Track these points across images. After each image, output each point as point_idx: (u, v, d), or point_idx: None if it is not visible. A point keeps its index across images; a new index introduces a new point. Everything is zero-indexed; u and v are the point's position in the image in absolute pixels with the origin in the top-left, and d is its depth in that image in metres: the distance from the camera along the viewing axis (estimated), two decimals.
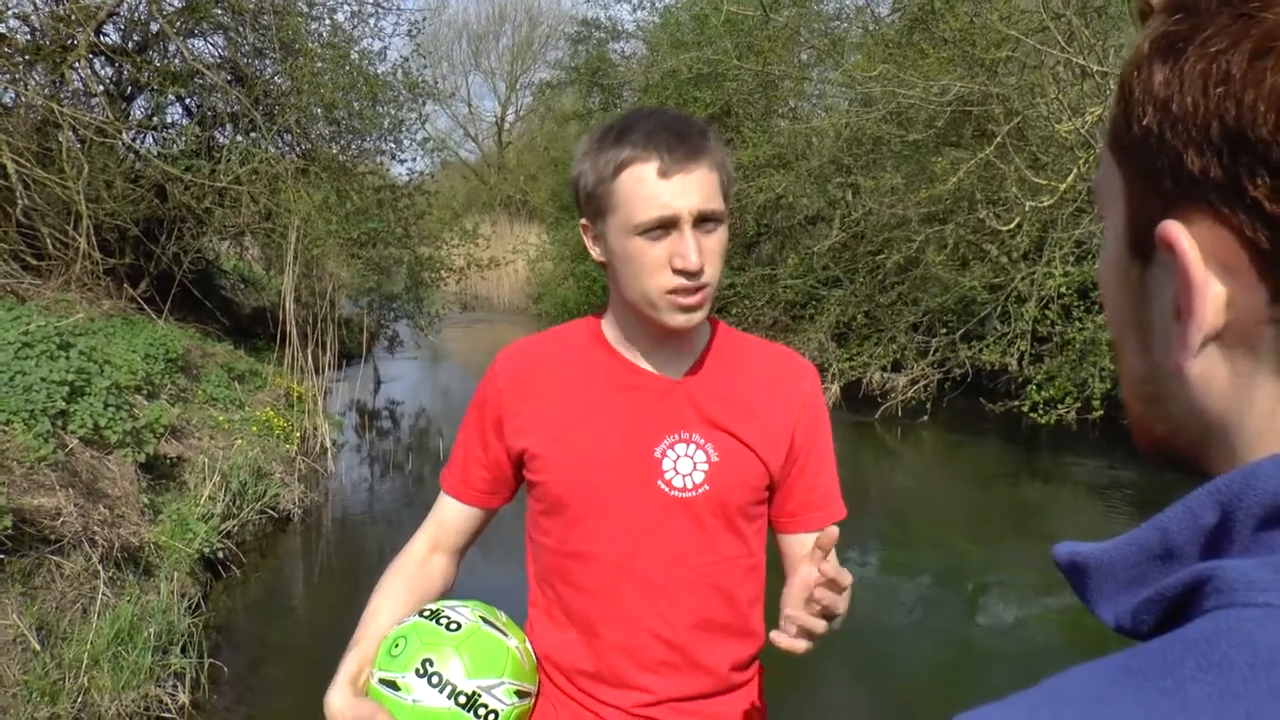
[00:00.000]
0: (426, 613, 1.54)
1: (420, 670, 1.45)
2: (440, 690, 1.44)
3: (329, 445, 8.73)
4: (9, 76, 9.25)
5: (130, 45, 10.62)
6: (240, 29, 10.98)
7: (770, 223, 13.66)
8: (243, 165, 10.15)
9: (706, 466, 1.54)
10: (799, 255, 12.52)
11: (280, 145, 11.36)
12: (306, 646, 5.28)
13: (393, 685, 1.47)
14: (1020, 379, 10.02)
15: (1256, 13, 0.45)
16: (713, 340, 1.62)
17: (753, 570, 1.62)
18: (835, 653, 4.82)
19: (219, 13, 10.59)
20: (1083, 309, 9.55)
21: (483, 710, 1.46)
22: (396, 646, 1.50)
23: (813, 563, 1.35)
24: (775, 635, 1.33)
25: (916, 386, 11.25)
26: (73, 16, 9.55)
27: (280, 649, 5.20)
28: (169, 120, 11.18)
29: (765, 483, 1.59)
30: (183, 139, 10.49)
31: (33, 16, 9.65)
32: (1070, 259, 9.65)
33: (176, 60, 10.60)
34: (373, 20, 11.93)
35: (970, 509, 8.28)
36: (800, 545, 1.63)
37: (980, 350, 10.45)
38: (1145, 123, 0.49)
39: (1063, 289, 9.52)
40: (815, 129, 12.59)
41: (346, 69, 11.46)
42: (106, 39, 10.40)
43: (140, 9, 10.43)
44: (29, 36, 9.70)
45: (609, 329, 1.63)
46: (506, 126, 33.65)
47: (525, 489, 1.68)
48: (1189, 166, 0.47)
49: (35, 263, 8.63)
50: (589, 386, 1.59)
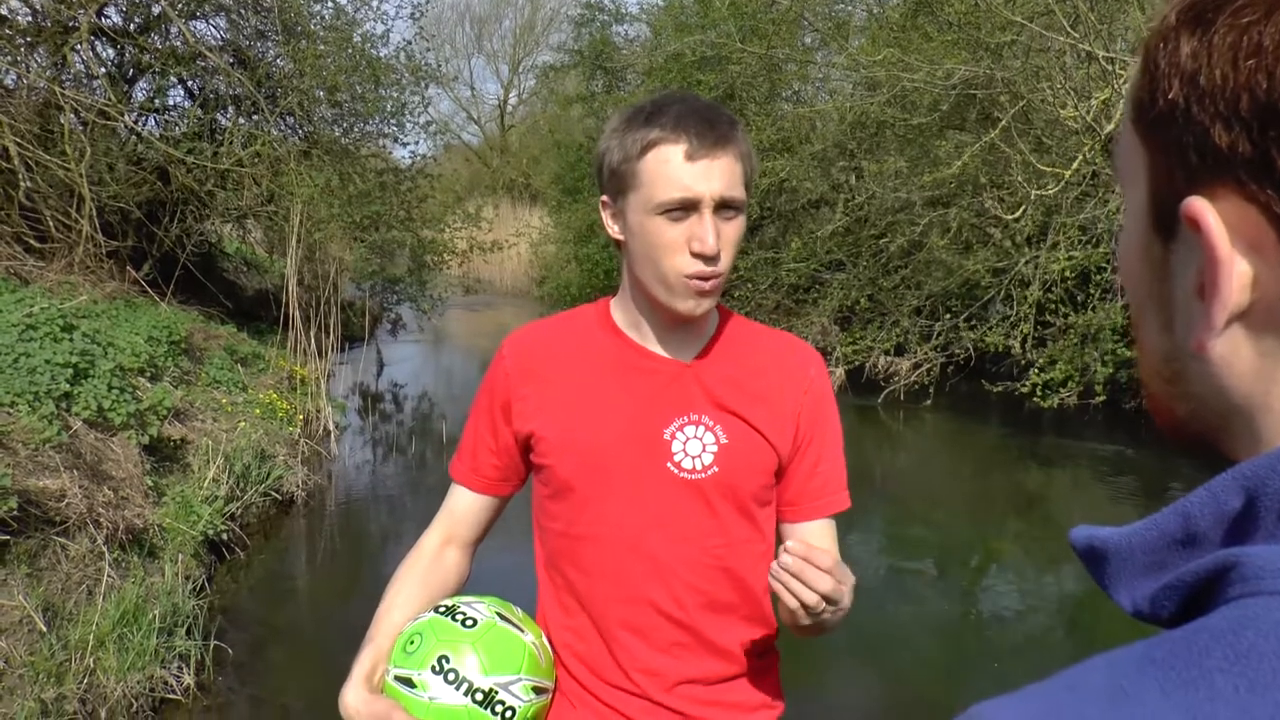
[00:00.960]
0: (442, 609, 1.53)
1: (436, 667, 1.44)
2: (457, 687, 1.44)
3: (332, 428, 8.74)
4: (10, 58, 9.22)
5: (132, 27, 10.59)
6: (242, 11, 10.96)
7: (774, 206, 13.63)
8: (245, 148, 10.13)
9: (716, 448, 1.54)
10: (802, 239, 12.49)
11: (283, 128, 11.33)
12: (310, 629, 5.30)
13: (409, 683, 1.46)
14: (1023, 363, 10.02)
15: None
16: (721, 326, 1.62)
17: (764, 555, 1.61)
18: (838, 635, 4.83)
19: None
20: (1086, 293, 9.54)
21: (500, 707, 1.45)
22: (412, 643, 1.49)
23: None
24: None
25: (919, 370, 11.25)
26: None
27: (284, 631, 5.22)
28: (171, 103, 11.17)
29: (774, 467, 1.59)
30: (185, 121, 10.47)
31: None
32: (1074, 243, 9.64)
33: (178, 42, 10.57)
34: (375, 3, 11.90)
35: (973, 492, 8.29)
36: (800, 535, 1.62)
37: (984, 334, 10.45)
38: (1171, 96, 0.48)
39: (1067, 273, 9.51)
40: (819, 112, 12.56)
41: (349, 52, 11.43)
42: (108, 20, 10.37)
43: None
44: (30, 18, 9.67)
45: (618, 313, 1.63)
46: (509, 110, 33.56)
47: (532, 475, 1.68)
48: (1216, 141, 0.46)
49: (38, 245, 8.62)
50: (597, 369, 1.59)
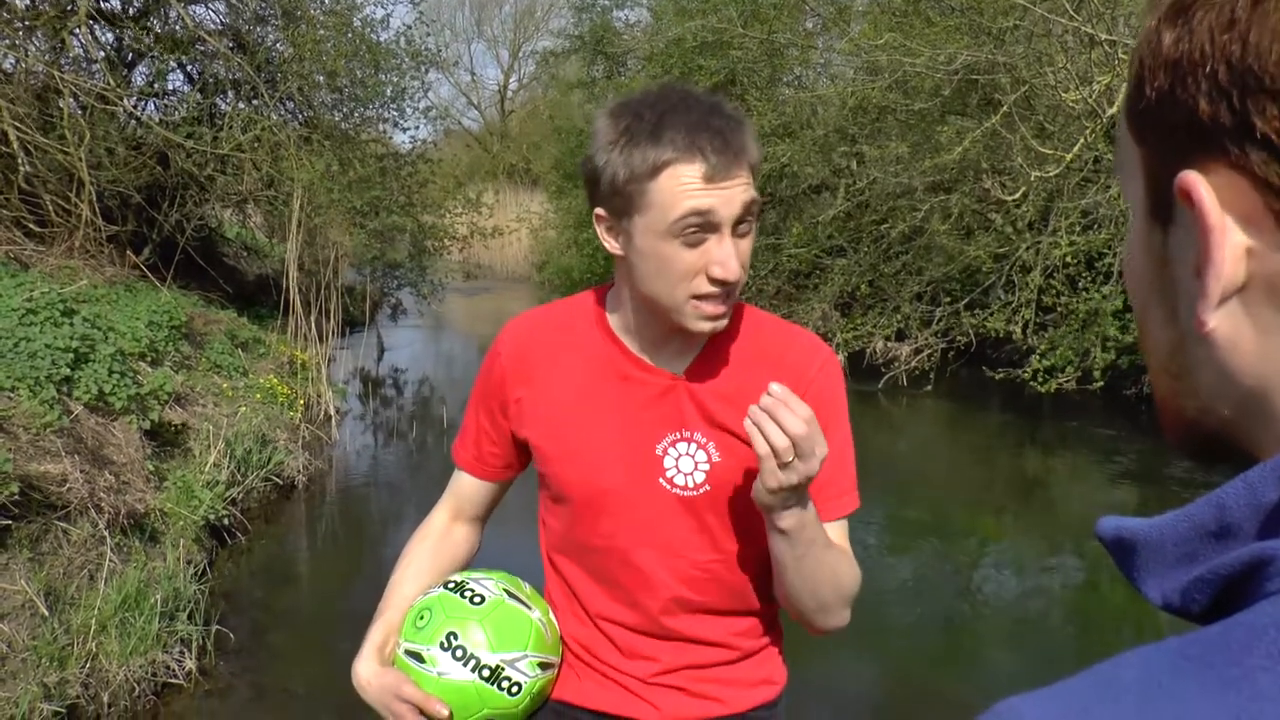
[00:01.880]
0: (451, 585, 1.56)
1: (445, 644, 1.48)
2: (464, 664, 1.47)
3: (333, 413, 8.74)
4: (9, 42, 9.18)
5: (131, 11, 10.55)
6: None
7: (774, 192, 13.59)
8: (245, 133, 10.10)
9: (708, 466, 1.51)
10: (803, 224, 12.46)
11: (282, 113, 11.30)
12: (311, 613, 5.31)
13: (418, 657, 1.49)
14: (1024, 348, 10.01)
15: None
16: (723, 329, 1.52)
17: (758, 561, 1.56)
18: None
19: None
20: (1088, 279, 9.53)
21: (506, 683, 1.48)
22: (421, 619, 1.52)
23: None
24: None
25: (920, 356, 11.24)
26: None
27: (285, 616, 5.23)
28: (170, 87, 11.13)
29: None
30: (184, 106, 10.43)
31: None
32: (1076, 229, 9.62)
33: (178, 26, 10.53)
34: None
35: (973, 478, 8.30)
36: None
37: (985, 319, 10.44)
38: (1157, 85, 0.49)
39: (1068, 258, 9.50)
40: (820, 98, 12.52)
41: (349, 36, 11.39)
42: (107, 4, 10.34)
43: None
44: (28, 2, 9.63)
45: (613, 315, 1.57)
46: (509, 95, 33.48)
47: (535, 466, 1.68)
48: (1201, 116, 0.47)
49: (38, 230, 8.60)
50: (590, 378, 1.55)
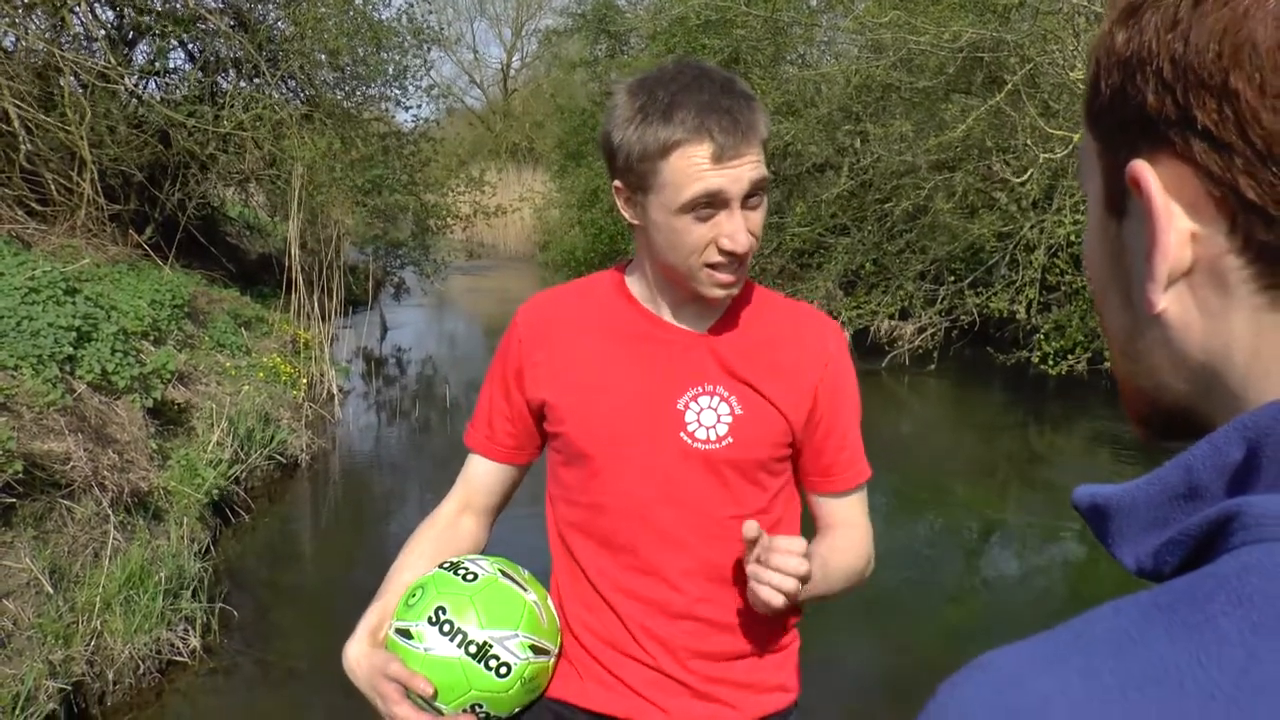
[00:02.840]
0: (446, 564, 1.53)
1: (433, 619, 1.44)
2: (451, 639, 1.43)
3: (336, 392, 8.75)
4: (9, 20, 9.14)
5: None
6: None
7: (778, 170, 13.52)
8: (246, 111, 10.07)
9: (730, 419, 1.52)
10: (807, 203, 12.43)
11: (284, 91, 11.27)
12: (315, 591, 5.32)
13: (407, 634, 1.46)
14: (1028, 327, 10.00)
15: None
16: (739, 295, 1.59)
17: (776, 526, 1.59)
18: (842, 601, 4.84)
19: None
20: None
21: (494, 661, 1.44)
22: (414, 596, 1.49)
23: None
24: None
25: (924, 335, 11.23)
26: None
27: (289, 594, 5.25)
28: (171, 66, 11.10)
29: (788, 439, 1.56)
30: (185, 85, 10.40)
31: None
32: (1080, 207, 9.58)
33: (178, 4, 10.49)
34: None
35: (976, 458, 8.30)
36: (823, 506, 1.63)
37: (989, 298, 10.42)
38: (1111, 82, 0.53)
39: (1072, 237, 9.47)
40: (824, 76, 12.45)
41: (350, 14, 11.34)
42: None
43: None
44: None
45: (634, 283, 1.60)
46: (512, 73, 33.42)
47: (546, 445, 1.67)
48: (1149, 110, 0.50)
49: (40, 208, 8.59)
50: (611, 338, 1.57)
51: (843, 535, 1.63)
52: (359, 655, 1.49)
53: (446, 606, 1.45)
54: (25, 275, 5.62)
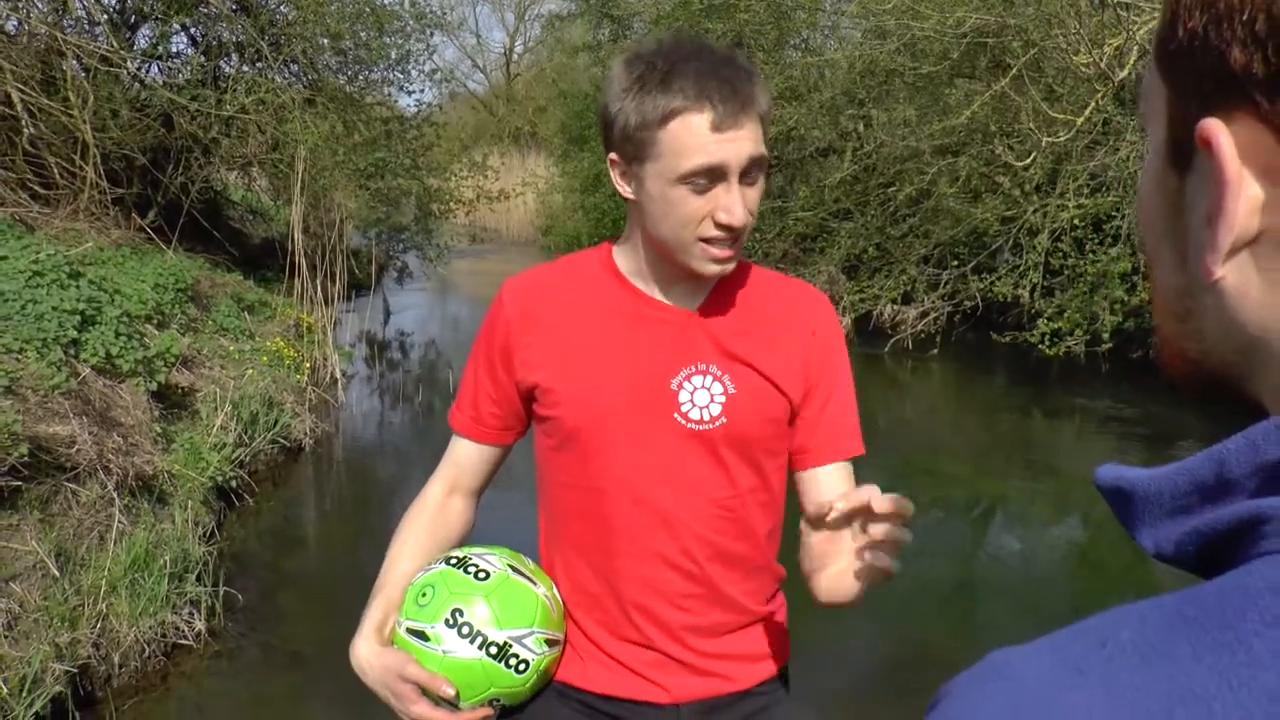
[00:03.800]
0: (454, 560, 1.53)
1: (450, 620, 1.44)
2: (471, 641, 1.44)
3: (339, 376, 8.76)
4: (11, 4, 9.13)
5: None
6: None
7: (781, 155, 13.51)
8: (249, 95, 10.05)
9: (724, 399, 1.52)
10: (810, 188, 12.42)
11: (287, 75, 11.25)
12: (319, 575, 5.35)
13: (422, 635, 1.46)
14: (1031, 311, 9.99)
15: None
16: (730, 273, 1.57)
17: (771, 504, 1.60)
18: None
19: None
20: (1096, 241, 9.49)
21: (514, 660, 1.45)
22: (424, 595, 1.48)
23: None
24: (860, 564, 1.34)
25: (926, 319, 11.23)
26: None
27: (293, 577, 5.27)
28: (174, 50, 11.07)
29: (785, 416, 1.56)
30: (188, 68, 10.38)
31: None
32: (1084, 191, 9.57)
33: None
34: None
35: (979, 442, 8.30)
36: (814, 481, 1.59)
37: (992, 282, 10.41)
38: (1190, 26, 0.48)
39: (1076, 221, 9.45)
40: (828, 61, 12.42)
41: None
42: None
43: None
44: None
45: (623, 260, 1.59)
46: (515, 58, 33.30)
47: (535, 426, 1.66)
48: (1232, 64, 0.46)
49: (43, 192, 8.59)
50: (602, 318, 1.56)
51: None
52: (369, 654, 1.49)
53: (463, 608, 1.45)
54: (29, 259, 5.62)
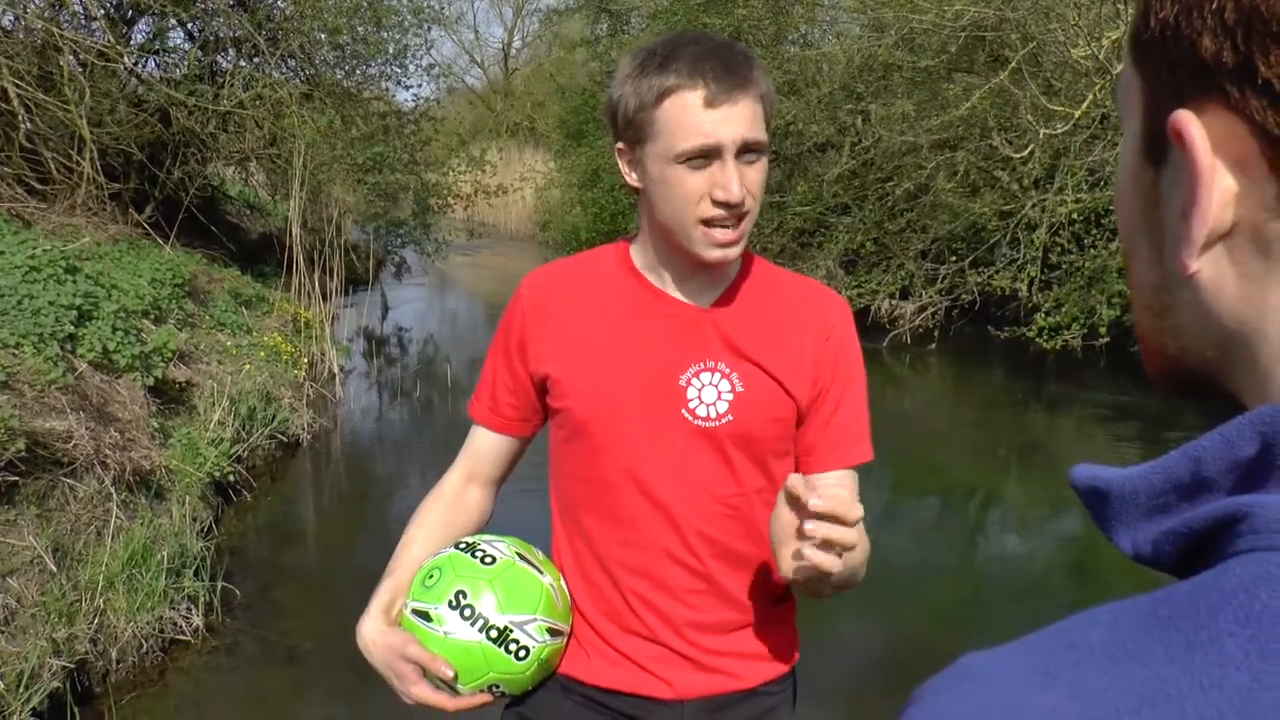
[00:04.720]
0: (463, 545, 1.54)
1: (453, 602, 1.45)
2: (472, 623, 1.45)
3: (337, 371, 8.75)
4: None
5: None
6: None
7: (779, 150, 13.50)
8: (246, 90, 10.04)
9: (731, 396, 1.52)
10: (808, 182, 12.41)
11: (284, 70, 11.23)
12: (317, 570, 5.34)
13: (425, 616, 1.47)
14: (1029, 305, 9.99)
15: None
16: (743, 271, 1.59)
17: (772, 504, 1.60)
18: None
19: None
20: (1095, 236, 9.49)
21: (514, 645, 1.46)
22: (431, 578, 1.50)
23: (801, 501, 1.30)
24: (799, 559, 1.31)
25: (925, 314, 11.24)
26: None
27: (291, 572, 5.26)
28: (171, 45, 11.06)
29: (792, 416, 1.56)
30: (185, 64, 10.37)
31: None
32: (1083, 186, 9.57)
33: None
34: None
35: (977, 437, 8.30)
36: (820, 485, 1.58)
37: (990, 276, 10.41)
38: (1162, 15, 0.48)
39: (1074, 215, 9.45)
40: (826, 55, 12.42)
41: None
42: None
43: None
44: None
45: (638, 255, 1.60)
46: (513, 53, 33.28)
47: (549, 418, 1.67)
48: (1203, 53, 0.46)
49: (40, 187, 8.58)
50: (614, 312, 1.57)
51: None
52: (374, 633, 1.51)
53: (467, 591, 1.46)
54: (26, 254, 5.62)
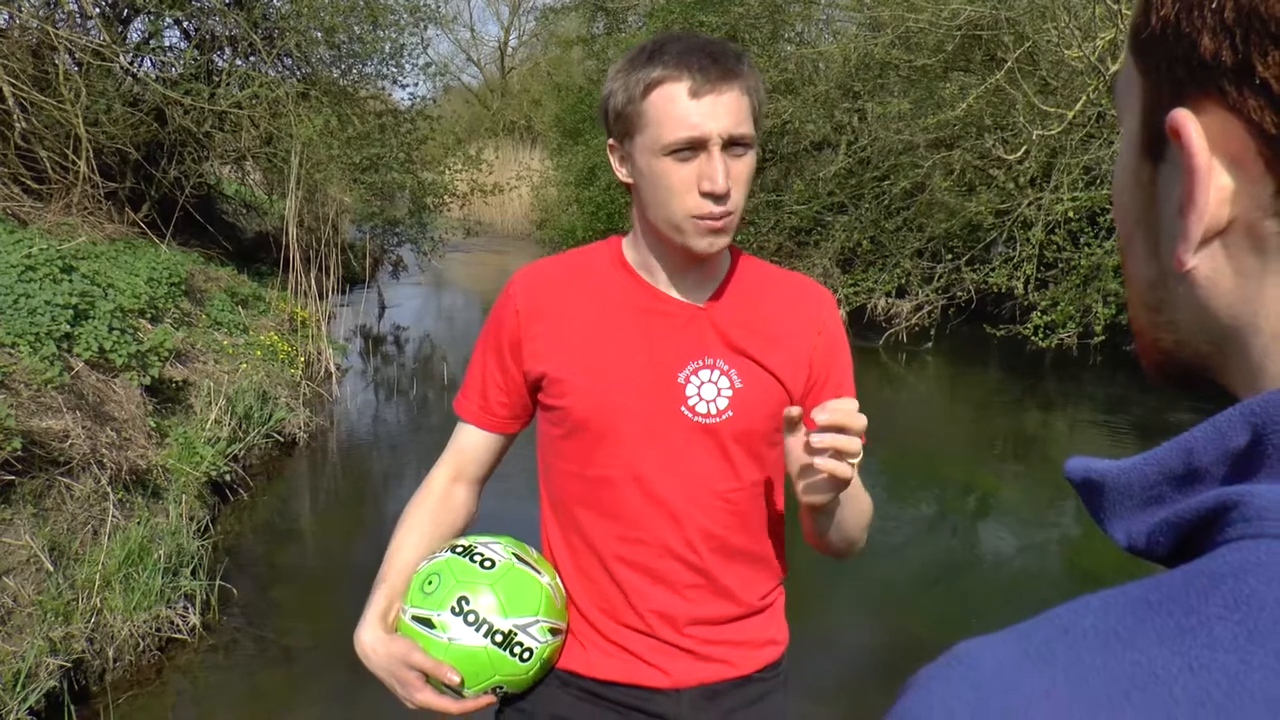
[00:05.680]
0: (459, 549, 1.54)
1: (456, 608, 1.46)
2: (477, 629, 1.45)
3: (333, 370, 8.75)
4: None
5: None
6: None
7: (776, 148, 13.54)
8: (242, 89, 10.04)
9: (730, 393, 1.54)
10: (805, 181, 12.43)
11: (280, 69, 11.23)
12: (314, 569, 5.34)
13: (428, 623, 1.47)
14: (1025, 304, 10.00)
15: None
16: (734, 268, 1.61)
17: (774, 498, 1.62)
18: (839, 577, 4.87)
19: None
20: (1090, 234, 9.50)
21: (519, 648, 1.47)
22: (430, 583, 1.50)
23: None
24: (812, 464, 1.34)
25: (921, 313, 11.24)
26: None
27: (288, 571, 5.26)
28: (167, 43, 11.04)
29: None
30: (181, 62, 10.36)
31: None
32: (1079, 184, 9.58)
33: None
34: None
35: (973, 435, 8.31)
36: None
37: (987, 274, 10.42)
38: (1163, 13, 0.49)
39: (1070, 214, 9.47)
40: (823, 54, 12.43)
41: None
42: None
43: None
44: None
45: (631, 252, 1.61)
46: (509, 51, 33.21)
47: (538, 414, 1.67)
48: (1202, 52, 0.46)
49: (36, 186, 8.58)
50: (610, 310, 1.57)
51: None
52: (374, 641, 1.51)
53: (469, 596, 1.46)
54: (22, 253, 5.61)
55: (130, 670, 4.04)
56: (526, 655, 1.48)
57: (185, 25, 11.04)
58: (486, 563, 1.50)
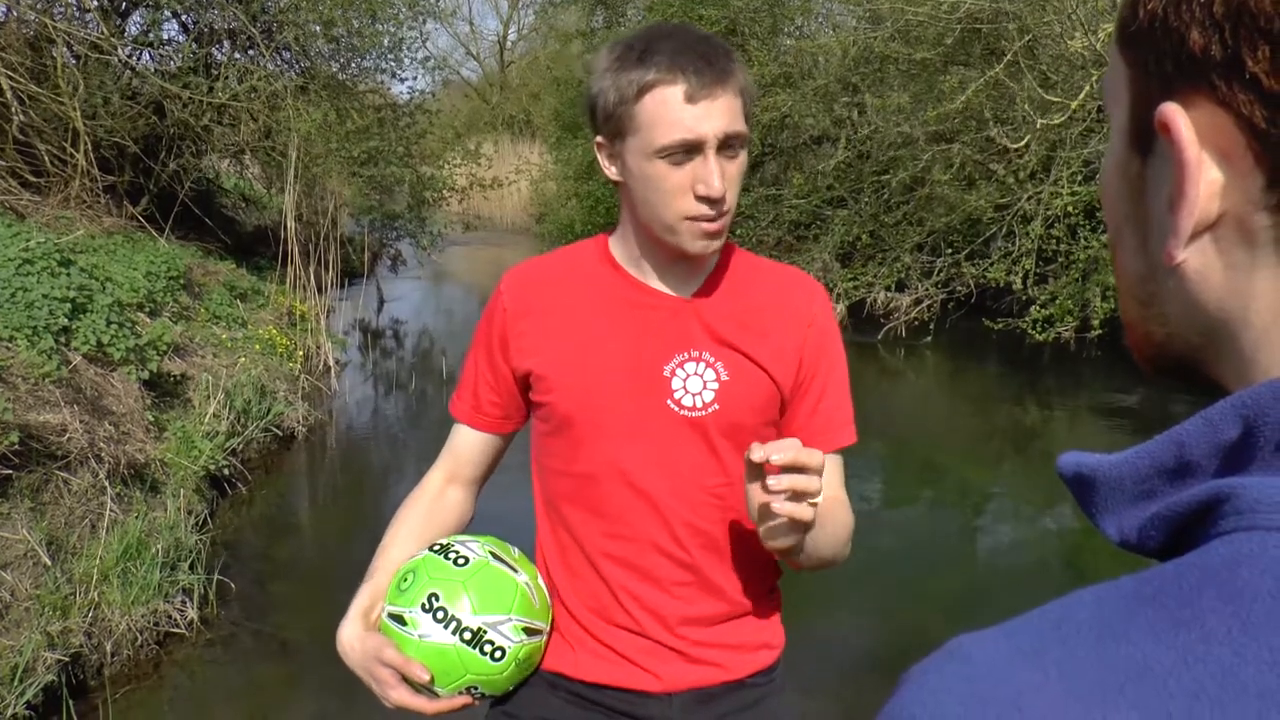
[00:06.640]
0: (436, 547, 1.54)
1: (426, 605, 1.45)
2: (446, 626, 1.45)
3: (332, 364, 8.75)
4: None
5: None
6: None
7: (775, 142, 13.51)
8: (241, 83, 10.02)
9: (716, 385, 1.53)
10: (804, 175, 12.40)
11: (279, 63, 11.21)
12: (312, 563, 5.34)
13: (400, 620, 1.47)
14: (1024, 299, 10.00)
15: None
16: (722, 261, 1.60)
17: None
18: (834, 572, 4.87)
19: None
20: (1089, 228, 9.50)
21: (489, 647, 1.46)
22: (405, 581, 1.50)
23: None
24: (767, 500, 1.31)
25: (920, 307, 11.23)
26: None
27: (286, 566, 5.26)
28: (165, 37, 11.01)
29: (776, 404, 1.57)
30: (179, 56, 10.34)
31: None
32: (1078, 178, 9.58)
33: None
34: None
35: (972, 430, 8.31)
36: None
37: (986, 268, 10.42)
38: (1151, 7, 0.49)
39: (1070, 208, 9.46)
40: (822, 47, 12.40)
41: None
42: None
43: None
44: None
45: (618, 248, 1.60)
46: (509, 45, 33.16)
47: (532, 414, 1.67)
48: (1191, 46, 0.46)
49: (34, 180, 8.55)
50: (597, 306, 1.57)
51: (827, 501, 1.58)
52: (353, 638, 1.51)
53: (440, 593, 1.46)
54: (19, 246, 5.60)
55: (128, 665, 4.04)
56: (499, 654, 1.47)
57: (184, 18, 11.00)
58: (461, 560, 1.50)
